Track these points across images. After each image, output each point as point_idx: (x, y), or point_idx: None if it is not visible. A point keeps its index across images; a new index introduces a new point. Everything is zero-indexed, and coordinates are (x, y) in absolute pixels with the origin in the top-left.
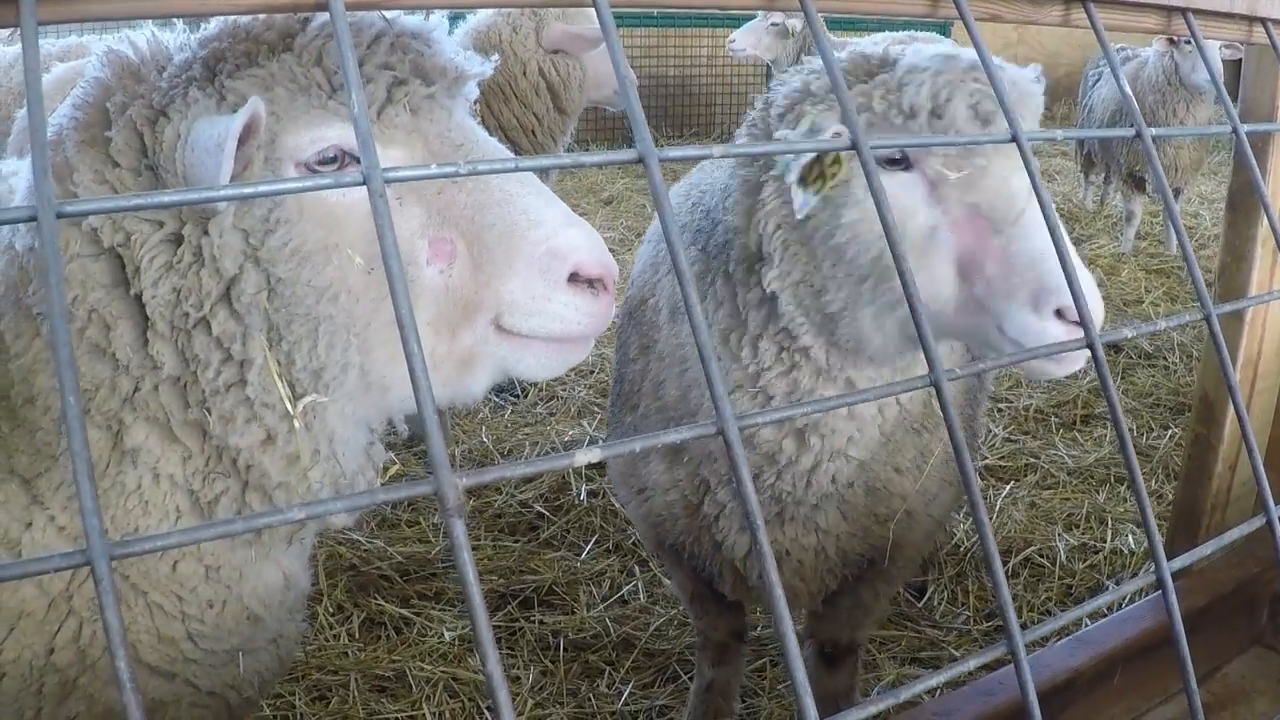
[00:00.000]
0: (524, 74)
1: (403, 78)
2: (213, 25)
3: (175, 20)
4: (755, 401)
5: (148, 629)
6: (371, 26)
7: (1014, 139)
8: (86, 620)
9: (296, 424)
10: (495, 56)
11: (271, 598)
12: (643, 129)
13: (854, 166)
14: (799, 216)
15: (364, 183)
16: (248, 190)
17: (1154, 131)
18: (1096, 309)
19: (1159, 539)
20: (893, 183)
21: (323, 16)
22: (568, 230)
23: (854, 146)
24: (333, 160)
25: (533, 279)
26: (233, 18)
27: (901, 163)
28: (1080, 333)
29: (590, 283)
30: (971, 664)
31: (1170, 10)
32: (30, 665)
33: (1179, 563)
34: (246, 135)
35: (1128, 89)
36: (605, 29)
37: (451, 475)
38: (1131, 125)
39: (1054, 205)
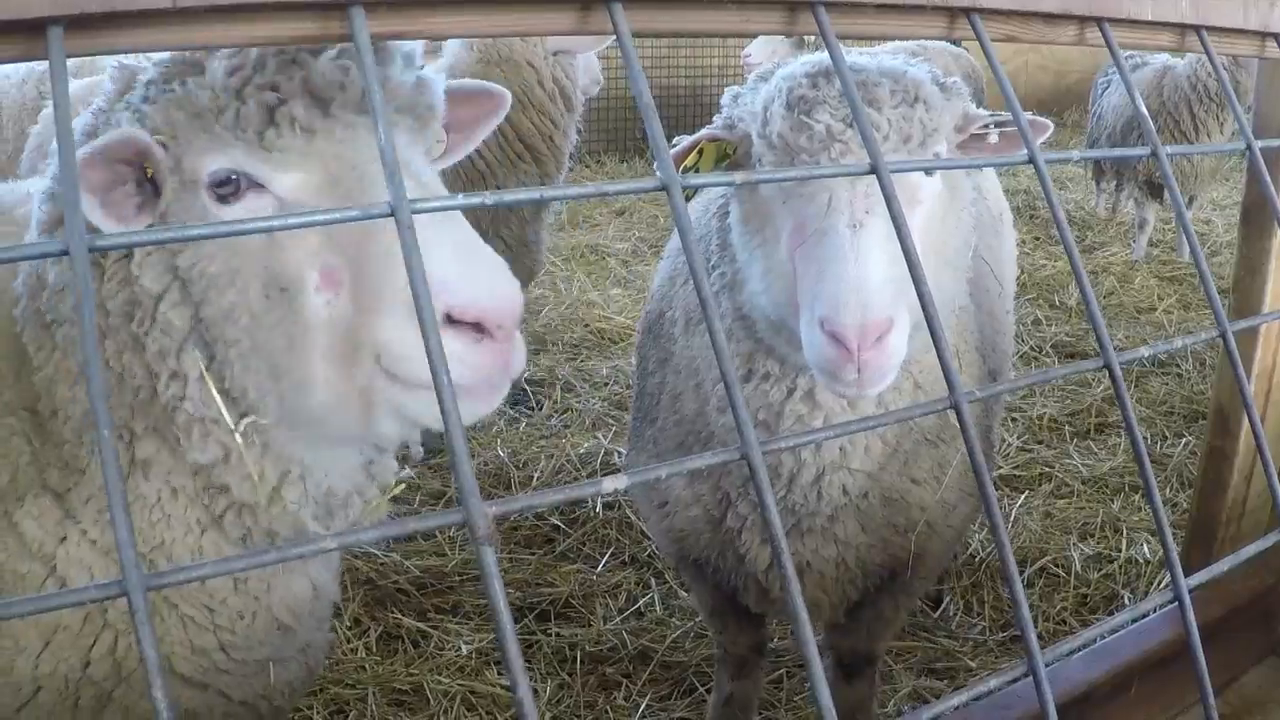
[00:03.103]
0: (539, 83)
1: (285, 98)
2: None
3: None
4: (748, 413)
5: (181, 641)
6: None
7: (1030, 160)
8: (122, 633)
9: (238, 440)
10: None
11: (301, 607)
12: (665, 156)
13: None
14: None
15: (391, 214)
16: (276, 223)
17: (1170, 150)
18: (853, 326)
19: (1176, 557)
20: (768, 189)
21: None
22: (445, 266)
23: (874, 170)
24: (228, 182)
25: (403, 318)
26: None
27: None
28: (841, 349)
29: (478, 327)
30: (992, 683)
31: (1184, 28)
32: (66, 679)
33: (1196, 579)
34: (136, 159)
35: (1144, 109)
36: (626, 56)
37: (481, 504)
38: (1146, 141)
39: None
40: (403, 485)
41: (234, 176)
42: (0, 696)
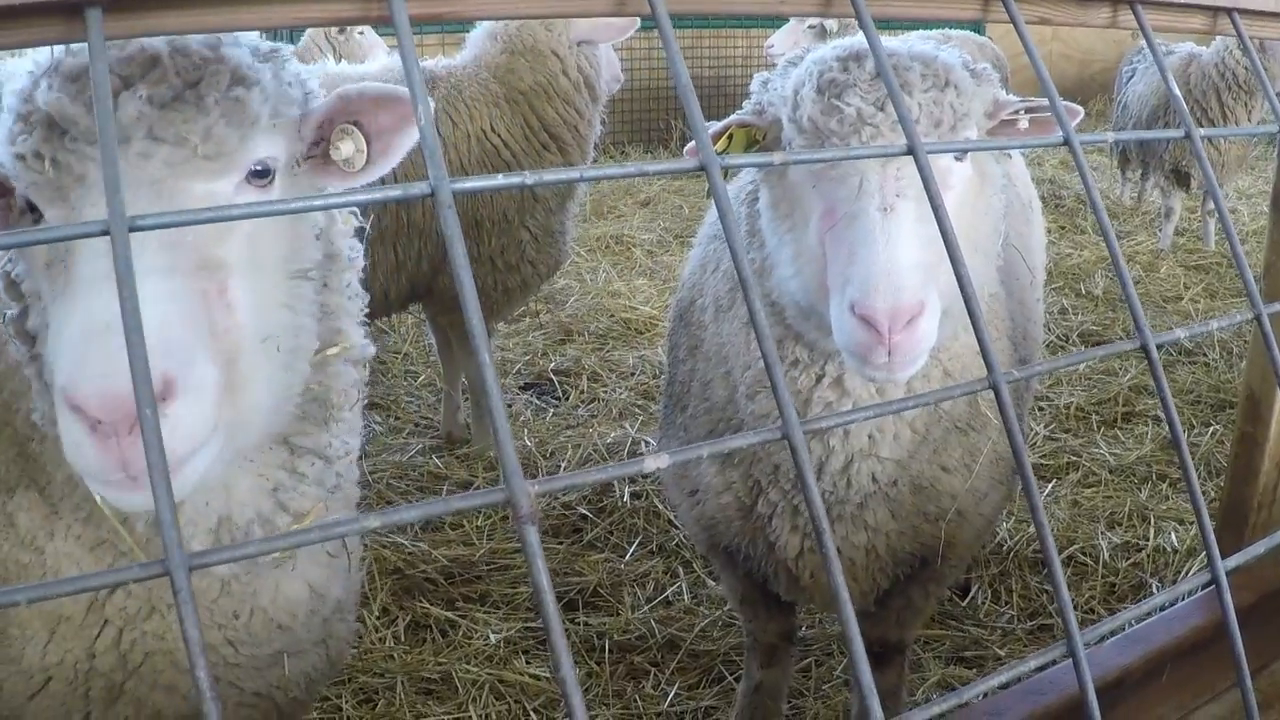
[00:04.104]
0: (564, 72)
1: (30, 128)
2: None
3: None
4: (774, 401)
5: (181, 636)
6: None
7: (1066, 141)
8: (125, 628)
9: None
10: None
11: (297, 609)
12: (704, 136)
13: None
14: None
15: (431, 194)
16: (318, 202)
17: (1203, 132)
18: (884, 309)
19: (1213, 538)
20: (794, 170)
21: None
22: (70, 343)
23: (910, 151)
24: (34, 208)
25: (55, 387)
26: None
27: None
28: (872, 331)
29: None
30: (1032, 663)
31: (1216, 10)
32: (75, 669)
33: (1233, 561)
34: None
35: (1176, 90)
36: (665, 37)
37: (524, 483)
38: (1179, 124)
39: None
40: (309, 517)
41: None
42: (14, 684)
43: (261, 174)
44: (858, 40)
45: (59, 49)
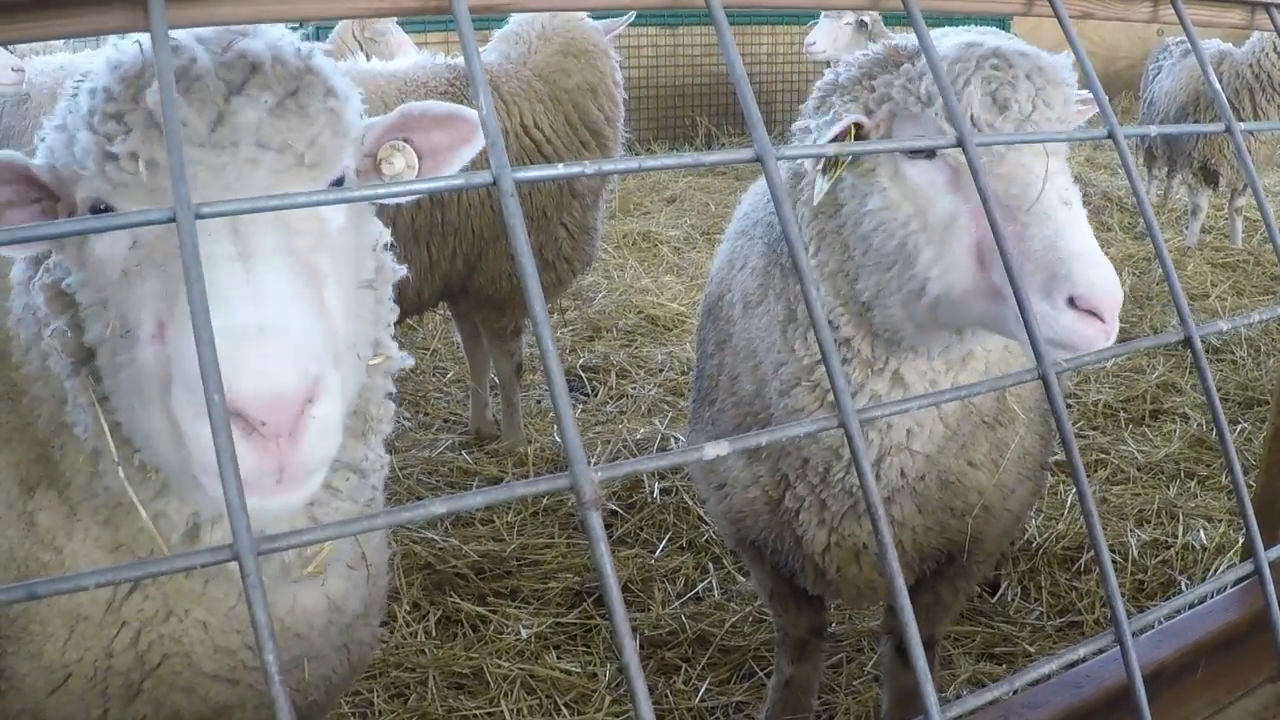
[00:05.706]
0: (611, 72)
1: (127, 128)
2: None
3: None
4: (813, 395)
5: (201, 641)
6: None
7: (1110, 135)
8: (143, 630)
9: (120, 475)
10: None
11: (315, 619)
12: (759, 128)
13: (879, 156)
14: (814, 203)
15: (494, 183)
16: (382, 191)
17: (1244, 126)
18: (1113, 297)
19: (1256, 528)
20: (914, 171)
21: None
22: (228, 343)
23: (960, 144)
24: (103, 212)
25: (183, 397)
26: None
27: (923, 151)
28: (1095, 322)
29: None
30: (1081, 651)
31: (1254, 5)
32: (94, 666)
33: (1276, 553)
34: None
35: (1217, 84)
36: (719, 28)
37: (587, 469)
38: (1214, 118)
39: (1081, 197)
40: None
41: (104, 207)
42: (35, 679)
43: (338, 183)
44: (984, 38)
45: (147, 48)
